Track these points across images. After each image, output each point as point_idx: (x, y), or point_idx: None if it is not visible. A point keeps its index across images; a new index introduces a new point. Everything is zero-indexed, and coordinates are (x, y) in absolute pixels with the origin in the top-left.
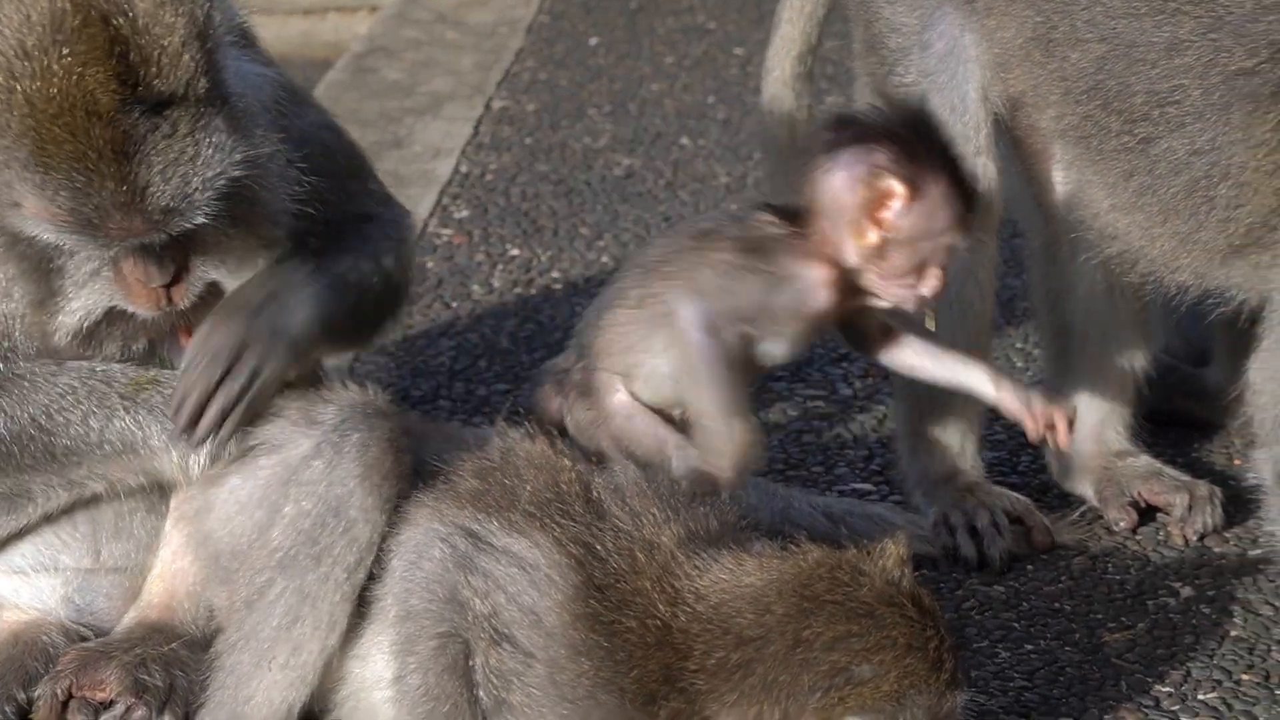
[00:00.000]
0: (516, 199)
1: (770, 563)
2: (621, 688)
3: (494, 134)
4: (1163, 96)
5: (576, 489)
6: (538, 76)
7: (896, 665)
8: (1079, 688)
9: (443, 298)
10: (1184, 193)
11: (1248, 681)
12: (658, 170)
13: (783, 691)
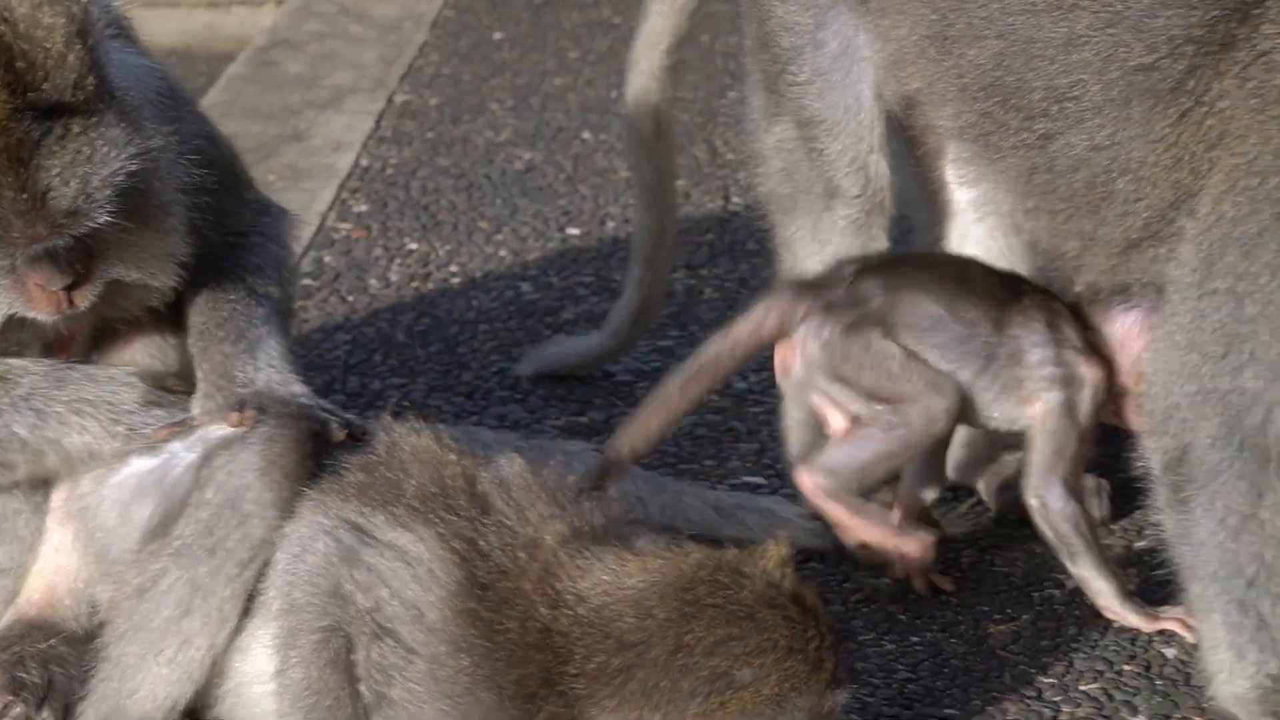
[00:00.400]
0: (416, 193)
1: (653, 564)
2: (501, 687)
3: (395, 128)
4: (1061, 92)
5: (461, 483)
6: (441, 70)
7: (777, 668)
8: (963, 679)
9: (339, 292)
10: (1085, 188)
11: (1129, 672)
12: (558, 165)
13: (662, 697)
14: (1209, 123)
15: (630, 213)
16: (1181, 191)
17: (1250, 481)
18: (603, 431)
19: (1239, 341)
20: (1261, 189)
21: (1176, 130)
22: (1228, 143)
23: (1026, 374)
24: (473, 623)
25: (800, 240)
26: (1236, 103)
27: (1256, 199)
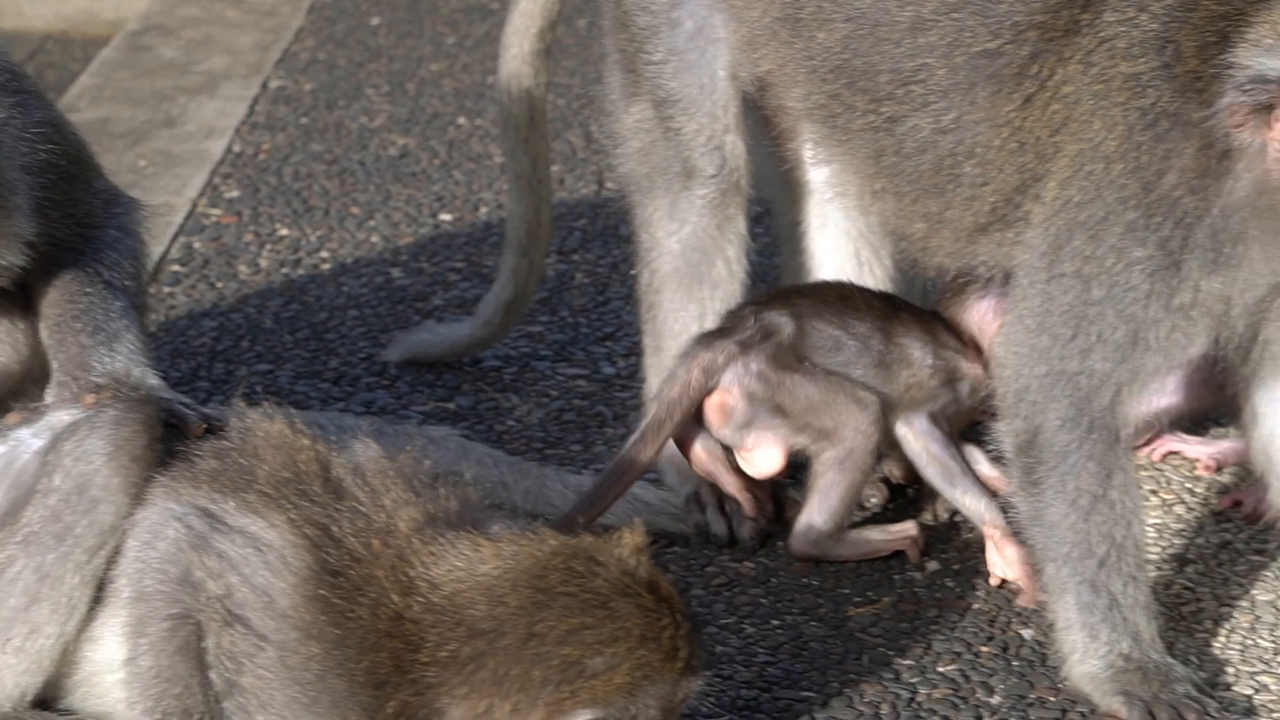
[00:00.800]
0: (288, 179)
1: (507, 550)
2: (352, 674)
3: (269, 113)
4: (907, 76)
5: (315, 469)
6: (317, 56)
7: (630, 657)
8: (821, 661)
9: (208, 278)
10: (931, 171)
11: (986, 654)
12: (433, 150)
13: (513, 685)
14: (1053, 108)
15: (504, 198)
16: (1027, 176)
17: (1099, 462)
18: (469, 417)
19: (1087, 324)
20: (1106, 175)
21: (1021, 115)
22: (1072, 127)
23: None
24: (324, 609)
25: (658, 220)
26: (1080, 88)
27: (1101, 184)
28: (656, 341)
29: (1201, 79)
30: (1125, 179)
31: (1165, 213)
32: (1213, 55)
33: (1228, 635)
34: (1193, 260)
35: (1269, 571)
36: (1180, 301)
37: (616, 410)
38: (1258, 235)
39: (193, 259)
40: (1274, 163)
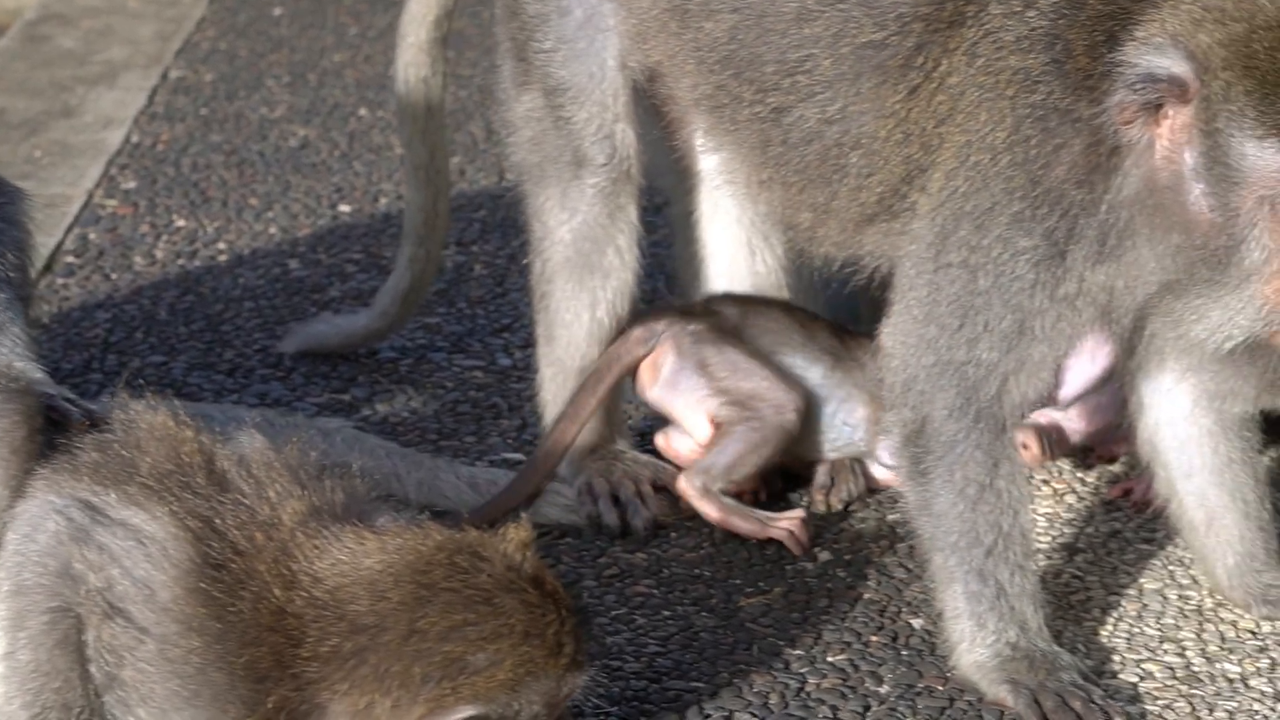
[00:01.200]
0: (187, 170)
1: (391, 544)
2: (233, 668)
3: (169, 104)
4: (793, 66)
5: (198, 461)
6: (218, 46)
7: (513, 653)
8: (711, 652)
9: (103, 269)
10: (817, 161)
11: (876, 643)
12: (333, 141)
13: (394, 682)
14: (939, 99)
15: (404, 189)
16: (913, 166)
17: (986, 452)
18: (364, 409)
19: (973, 314)
20: (993, 166)
21: (906, 106)
22: (957, 119)
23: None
24: (205, 602)
25: (550, 209)
26: (966, 79)
27: (988, 175)
28: (549, 331)
29: (1091, 77)
30: (1012, 171)
31: (1051, 204)
32: (1102, 53)
33: (1115, 623)
34: (1078, 251)
35: (1157, 560)
36: (1065, 291)
37: (512, 402)
38: (1145, 232)
39: (87, 250)
40: (1161, 160)
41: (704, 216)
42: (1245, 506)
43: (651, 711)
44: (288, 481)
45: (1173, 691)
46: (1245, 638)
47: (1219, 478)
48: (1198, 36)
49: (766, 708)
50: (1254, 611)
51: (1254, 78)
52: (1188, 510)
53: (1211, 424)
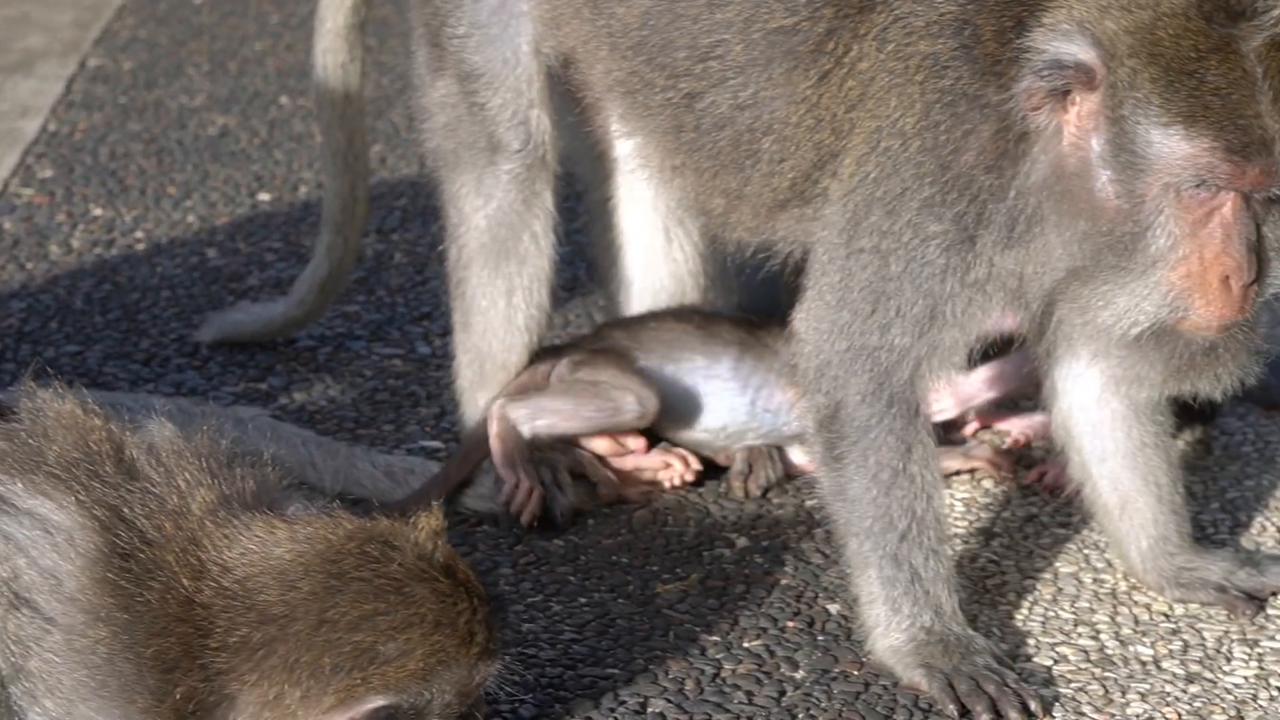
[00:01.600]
0: (104, 158)
1: (302, 534)
2: (140, 658)
3: (87, 92)
4: (705, 51)
5: (107, 449)
6: (137, 34)
7: (423, 643)
8: (627, 638)
9: (18, 259)
10: (730, 147)
11: (792, 629)
12: (253, 130)
13: (304, 672)
14: (849, 84)
15: (322, 177)
16: (824, 152)
17: (899, 437)
18: (281, 398)
19: (885, 299)
20: (903, 152)
21: (817, 91)
22: (868, 104)
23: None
24: (112, 592)
25: (465, 195)
26: (876, 65)
27: (899, 160)
28: (466, 318)
29: (1000, 62)
30: (922, 156)
31: (961, 190)
32: (1010, 39)
33: (1030, 607)
34: (987, 236)
35: (1072, 544)
36: (975, 276)
37: (430, 390)
38: (1053, 218)
39: (2, 240)
40: (1069, 147)
41: (621, 203)
42: (1158, 490)
43: (566, 699)
44: (197, 470)
45: (1086, 674)
46: (1159, 620)
47: (1132, 461)
48: (1104, 23)
49: (682, 694)
50: (1167, 594)
51: (1159, 65)
52: (1101, 494)
53: (1123, 408)
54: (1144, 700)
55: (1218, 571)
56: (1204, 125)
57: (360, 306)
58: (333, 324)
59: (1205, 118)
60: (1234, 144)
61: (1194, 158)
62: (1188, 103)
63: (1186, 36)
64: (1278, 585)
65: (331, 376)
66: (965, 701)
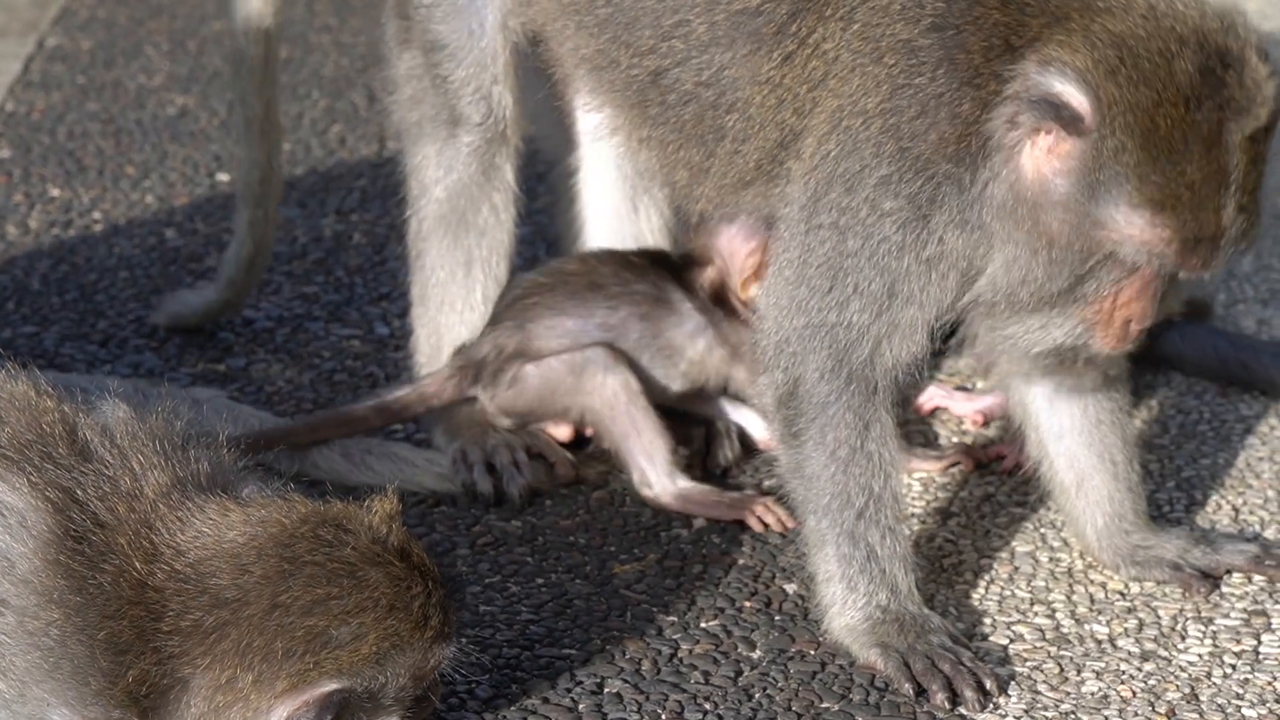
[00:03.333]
0: (63, 138)
1: (255, 516)
2: (93, 640)
3: (45, 72)
4: (669, 30)
5: (60, 431)
6: (96, 14)
7: (377, 627)
8: (584, 619)
9: None
10: (694, 122)
11: (749, 609)
12: (212, 110)
13: (256, 656)
14: (812, 64)
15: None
16: (786, 132)
17: (858, 414)
18: (239, 379)
19: (843, 275)
20: (864, 130)
21: (780, 72)
22: (830, 84)
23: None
24: (65, 574)
25: (425, 167)
26: (840, 44)
27: (859, 139)
28: (423, 291)
29: (981, 75)
30: (882, 136)
31: (918, 170)
32: (997, 56)
33: (986, 586)
34: (939, 215)
35: (1028, 523)
36: (929, 253)
37: (389, 370)
38: (996, 225)
39: None
40: (1030, 171)
41: (589, 175)
42: (1114, 468)
43: (523, 679)
44: (151, 452)
45: (1042, 653)
46: (1114, 599)
47: (1088, 439)
48: (1108, 85)
49: (639, 674)
50: (1122, 573)
51: (1147, 150)
52: (1058, 471)
53: (1080, 385)
54: (1099, 679)
55: (1173, 550)
56: (1169, 215)
57: (319, 287)
58: (291, 305)
59: (1173, 208)
60: (1189, 236)
61: (1150, 242)
62: (1161, 191)
63: (1180, 128)
64: (1232, 563)
65: (290, 357)
66: (921, 680)
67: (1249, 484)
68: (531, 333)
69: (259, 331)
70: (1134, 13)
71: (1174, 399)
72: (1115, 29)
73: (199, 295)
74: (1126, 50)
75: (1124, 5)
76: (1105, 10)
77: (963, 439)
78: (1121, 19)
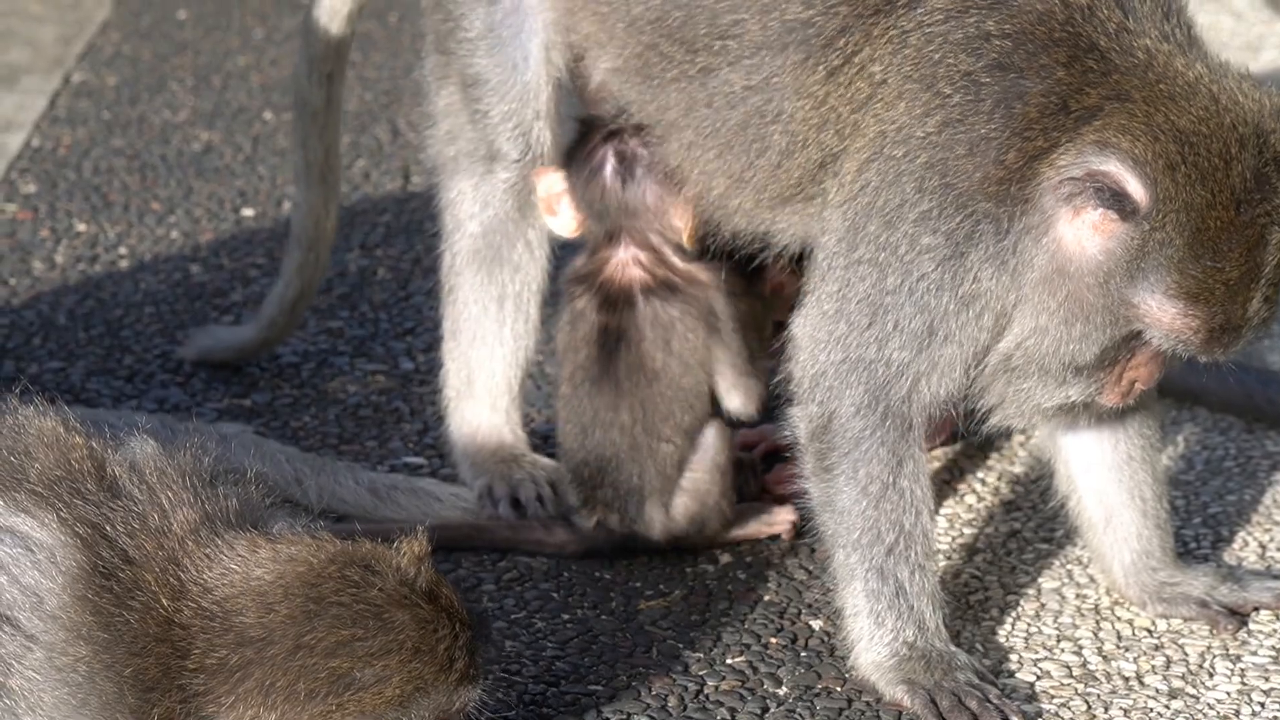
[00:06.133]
0: (88, 174)
1: (283, 554)
2: (121, 677)
3: (71, 108)
4: (724, 29)
5: (88, 467)
6: (121, 50)
7: (401, 669)
8: (610, 655)
9: (1, 274)
10: (739, 127)
11: (775, 645)
12: (237, 145)
13: (279, 696)
14: (857, 84)
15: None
16: (827, 152)
17: (892, 450)
18: (265, 414)
19: (883, 312)
20: (907, 162)
21: (825, 88)
22: (875, 107)
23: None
24: (93, 610)
25: (461, 202)
26: (890, 68)
27: (901, 170)
28: (455, 325)
29: (1032, 130)
30: (927, 171)
31: (959, 207)
32: (1051, 116)
33: (1013, 623)
34: (975, 253)
35: (1055, 559)
36: (965, 291)
37: (414, 406)
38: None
39: None
40: (1070, 238)
41: None
42: (1143, 504)
43: (549, 716)
44: (180, 488)
45: (1069, 690)
46: (1141, 636)
47: (1118, 474)
48: (1167, 180)
49: (665, 710)
50: (1149, 609)
51: (1192, 248)
52: (1087, 507)
53: (1111, 420)
54: (1127, 716)
55: (1200, 587)
56: (1201, 306)
57: (344, 322)
58: (316, 340)
59: (1206, 301)
60: (1216, 326)
61: (1178, 329)
62: (1198, 285)
63: (1228, 230)
64: (1259, 600)
65: (315, 392)
66: (947, 718)
67: (1276, 520)
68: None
69: (284, 366)
70: (1197, 104)
71: (1200, 435)
72: (1179, 123)
73: (234, 332)
74: (1188, 147)
75: (1187, 92)
76: (1169, 97)
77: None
78: (1185, 110)
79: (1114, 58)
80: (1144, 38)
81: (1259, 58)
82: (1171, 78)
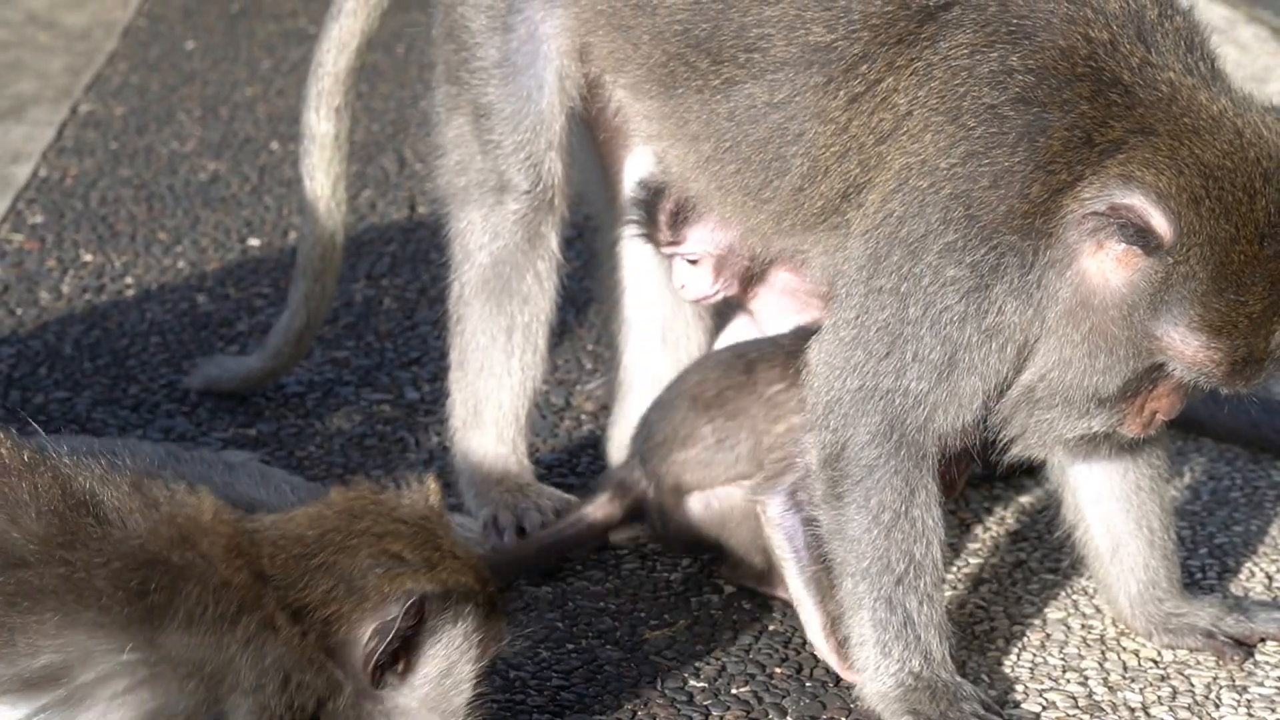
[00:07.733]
0: (95, 204)
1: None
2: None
3: (78, 138)
4: (750, 42)
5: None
6: (129, 80)
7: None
8: (615, 685)
9: (7, 305)
10: (760, 144)
11: (780, 675)
12: (244, 175)
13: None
14: (880, 115)
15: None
16: (850, 182)
17: (905, 479)
18: (270, 443)
19: (903, 342)
20: (933, 194)
21: (846, 114)
22: (900, 139)
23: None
24: None
25: (470, 233)
26: (915, 101)
27: (925, 201)
28: (462, 355)
29: (1056, 163)
30: (952, 202)
31: (983, 239)
32: (1075, 152)
33: (1019, 653)
34: (1000, 285)
35: (1061, 590)
36: (989, 323)
37: (419, 435)
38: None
39: None
40: (1094, 271)
41: (630, 245)
42: (1151, 535)
43: None
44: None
45: None
46: (1147, 666)
47: (1126, 505)
48: (1191, 214)
49: None
50: (1155, 640)
51: (1215, 282)
52: (1094, 537)
53: (1120, 450)
54: None
55: (1206, 617)
56: (1224, 339)
57: (349, 352)
58: (322, 369)
59: (1229, 334)
60: (1239, 359)
61: (1200, 362)
62: (1222, 319)
63: (1252, 264)
64: (1266, 631)
65: (320, 422)
66: None
67: None
68: (670, 467)
69: (290, 396)
70: (1221, 138)
71: (1206, 465)
72: (1204, 157)
73: (240, 362)
74: (1213, 181)
75: (1211, 126)
76: (1193, 131)
77: (991, 504)
78: (1209, 144)
79: (1138, 92)
80: (1168, 71)
81: (1265, 89)
82: (1195, 112)
